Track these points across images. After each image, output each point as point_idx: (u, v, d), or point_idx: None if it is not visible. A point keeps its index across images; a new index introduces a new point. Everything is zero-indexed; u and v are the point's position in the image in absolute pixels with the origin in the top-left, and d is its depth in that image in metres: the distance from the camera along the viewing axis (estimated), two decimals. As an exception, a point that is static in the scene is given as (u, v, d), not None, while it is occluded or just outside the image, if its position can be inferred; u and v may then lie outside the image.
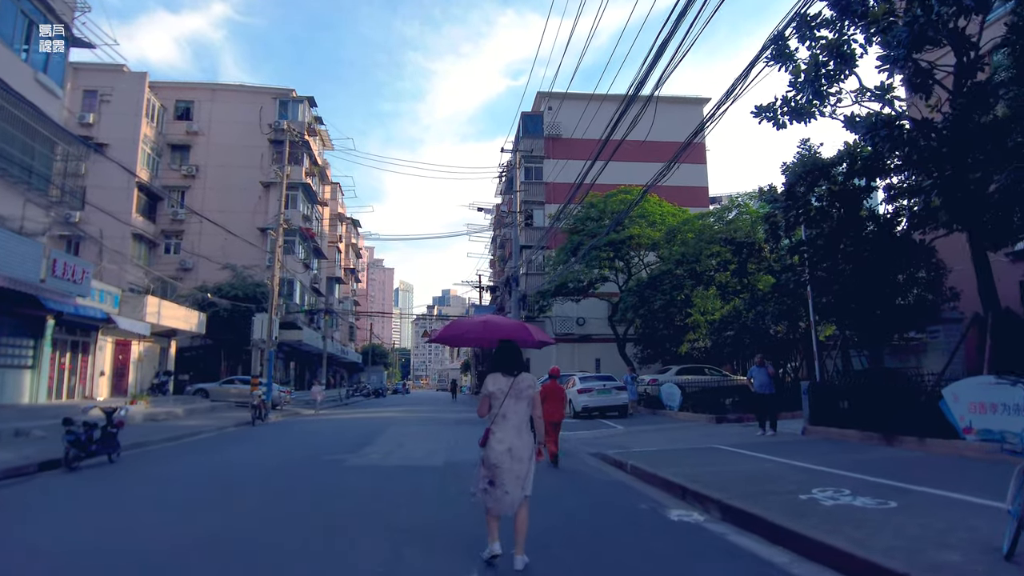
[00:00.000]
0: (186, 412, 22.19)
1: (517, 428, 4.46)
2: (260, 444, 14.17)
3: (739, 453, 9.94)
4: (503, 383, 4.53)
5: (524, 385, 4.55)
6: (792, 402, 15.78)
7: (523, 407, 4.53)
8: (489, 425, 4.51)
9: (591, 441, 13.57)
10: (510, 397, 4.48)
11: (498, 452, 4.37)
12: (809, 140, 17.82)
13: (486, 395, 4.62)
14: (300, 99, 40.29)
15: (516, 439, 4.42)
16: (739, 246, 21.60)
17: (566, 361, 34.22)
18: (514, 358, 4.64)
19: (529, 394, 4.56)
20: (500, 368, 4.61)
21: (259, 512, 6.59)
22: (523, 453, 4.42)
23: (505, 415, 4.47)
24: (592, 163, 18.08)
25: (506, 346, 4.70)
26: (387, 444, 13.33)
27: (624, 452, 10.56)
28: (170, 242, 38.83)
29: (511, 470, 4.35)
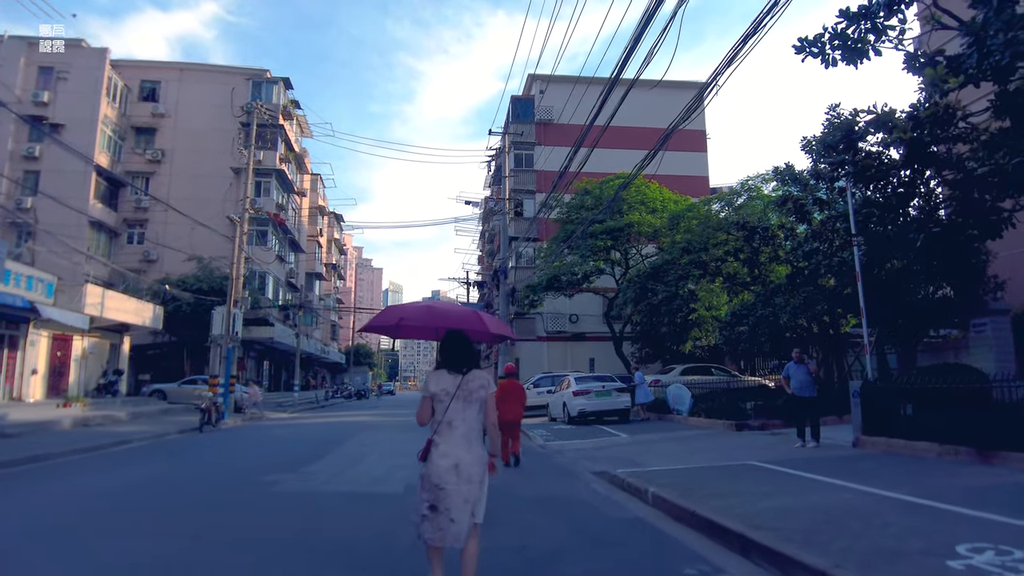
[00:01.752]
0: (130, 416, 19.68)
1: (466, 439, 3.61)
2: (188, 458, 11.72)
3: (790, 474, 7.60)
4: (448, 382, 3.66)
5: (475, 385, 3.68)
6: (828, 405, 13.51)
7: (473, 412, 3.67)
8: (431, 435, 3.65)
9: (592, 454, 11.21)
10: (457, 400, 3.63)
11: (442, 469, 3.54)
12: (839, 105, 15.70)
13: (427, 397, 3.69)
14: (275, 80, 37.68)
15: (465, 453, 3.58)
16: (752, 231, 19.34)
17: (558, 361, 31.89)
18: (463, 351, 3.78)
19: (481, 396, 3.69)
20: (446, 364, 3.76)
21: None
22: (473, 471, 3.57)
23: (451, 422, 3.62)
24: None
25: (453, 337, 3.84)
26: (343, 458, 10.92)
27: (638, 472, 8.20)
28: (133, 232, 36.14)
29: (458, 492, 3.50)
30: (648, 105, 23.80)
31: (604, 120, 12.40)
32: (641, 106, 26.23)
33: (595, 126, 12.70)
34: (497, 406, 11.90)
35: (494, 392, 3.81)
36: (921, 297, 15.63)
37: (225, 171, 35.93)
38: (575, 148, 16.38)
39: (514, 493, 7.57)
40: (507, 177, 30.97)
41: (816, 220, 18.42)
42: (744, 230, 19.57)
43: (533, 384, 24.01)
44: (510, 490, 7.74)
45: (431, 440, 3.65)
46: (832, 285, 17.92)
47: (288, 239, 40.18)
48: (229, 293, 22.16)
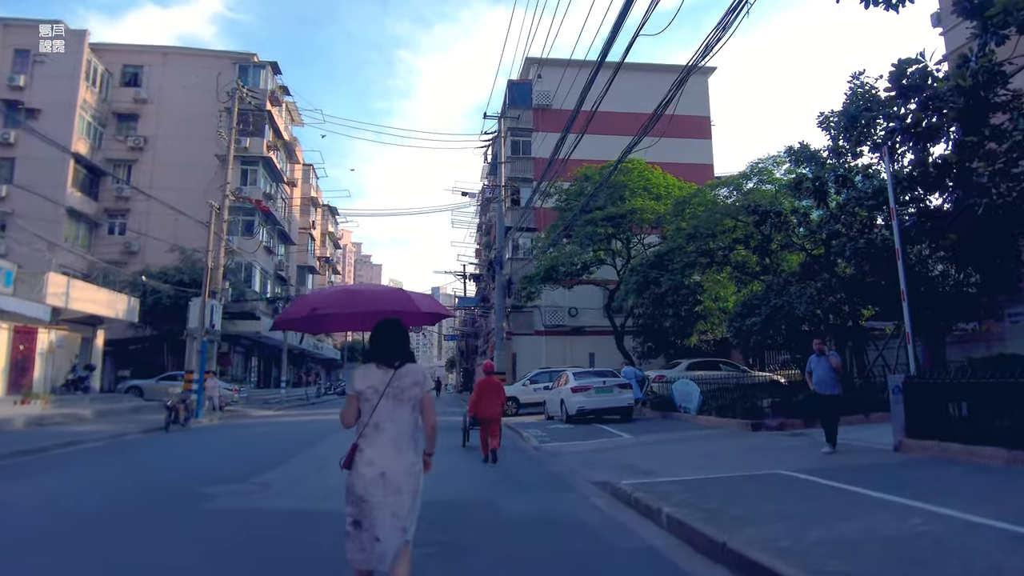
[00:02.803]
0: (96, 414, 18.37)
1: (396, 444, 3.12)
2: (130, 464, 10.40)
3: (832, 488, 6.24)
4: (377, 378, 3.16)
5: (408, 381, 3.17)
6: (852, 403, 12.20)
7: (405, 413, 3.17)
8: (356, 439, 3.14)
9: (592, 458, 9.86)
10: (387, 399, 3.13)
11: (367, 479, 3.03)
12: (863, 73, 14.34)
13: (352, 396, 3.21)
14: (262, 64, 36.19)
15: (394, 460, 3.09)
16: (764, 215, 17.92)
17: (557, 356, 30.50)
18: (394, 342, 3.25)
19: (415, 394, 3.17)
20: (374, 356, 3.24)
21: None
22: (403, 481, 3.07)
23: (378, 425, 3.13)
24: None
25: (384, 326, 3.29)
26: (307, 464, 9.57)
27: (647, 484, 6.83)
28: (115, 222, 34.74)
29: (384, 505, 3.01)
30: (648, 91, 22.31)
31: (600, 99, 11.29)
32: (641, 92, 24.91)
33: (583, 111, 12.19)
34: (477, 403, 10.57)
35: (431, 389, 3.32)
36: (952, 284, 14.32)
37: (210, 159, 34.44)
38: (568, 126, 15.04)
39: (496, 510, 6.23)
40: (503, 163, 29.60)
41: (834, 203, 17.11)
42: (755, 215, 18.16)
43: (530, 380, 22.67)
44: (492, 506, 6.40)
45: (355, 445, 3.16)
46: (850, 273, 16.60)
47: (277, 230, 38.77)
48: (204, 283, 20.81)
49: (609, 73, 10.53)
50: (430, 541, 5.02)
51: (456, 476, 8.52)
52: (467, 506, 6.40)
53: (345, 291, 3.83)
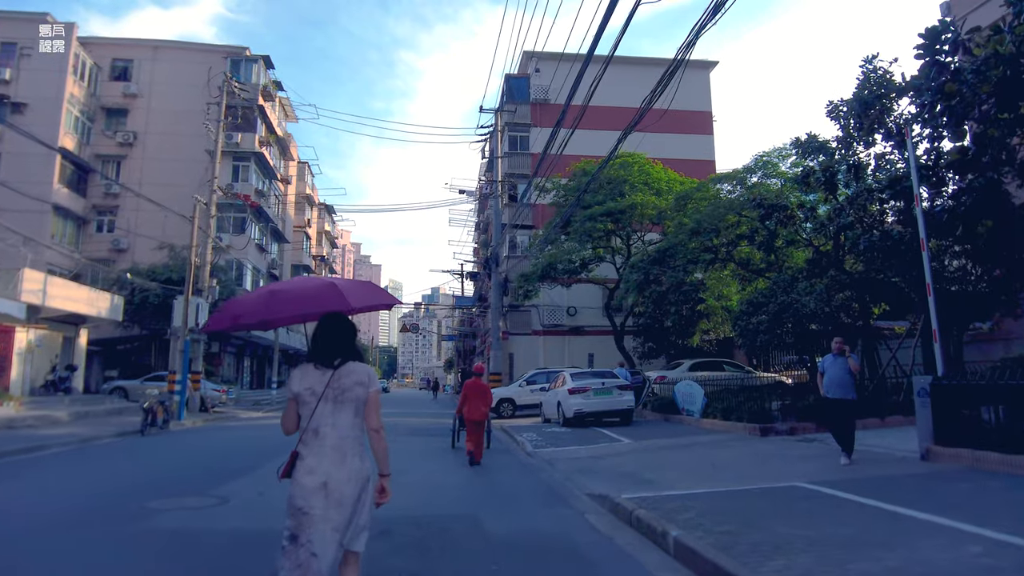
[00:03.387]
0: (73, 417, 17.60)
1: (338, 450, 2.87)
2: (86, 471, 9.61)
3: (863, 505, 5.47)
4: (314, 379, 2.93)
5: (350, 381, 2.93)
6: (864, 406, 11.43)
7: (347, 416, 2.92)
8: (296, 446, 2.92)
9: (589, 465, 9.09)
10: (326, 401, 2.89)
11: (307, 489, 2.80)
12: (876, 56, 13.60)
13: (291, 399, 2.99)
14: (254, 58, 35.38)
15: (335, 468, 2.84)
16: (770, 210, 17.15)
17: (555, 356, 29.73)
18: (334, 338, 3.01)
19: (357, 395, 2.93)
20: (313, 355, 3.01)
21: None
22: (345, 490, 2.83)
23: (318, 430, 2.89)
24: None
25: (325, 323, 3.05)
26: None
27: (651, 499, 6.06)
28: (103, 219, 33.93)
29: (325, 518, 2.76)
30: (647, 85, 21.55)
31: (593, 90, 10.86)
32: (640, 86, 24.00)
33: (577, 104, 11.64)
34: (463, 405, 9.66)
35: (377, 390, 3.03)
36: (973, 279, 13.57)
37: (202, 155, 33.54)
38: (559, 119, 14.31)
39: (479, 530, 5.45)
40: (499, 158, 28.89)
41: (843, 196, 16.39)
42: (760, 208, 17.40)
43: (526, 381, 21.89)
44: (475, 525, 5.62)
45: (295, 452, 2.92)
46: (859, 269, 15.87)
47: (270, 228, 37.97)
48: (188, 280, 20.03)
49: (608, 64, 9.77)
50: (398, 569, 4.29)
51: (440, 485, 7.75)
52: (447, 524, 5.63)
53: (270, 293, 3.36)
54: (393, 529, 5.41)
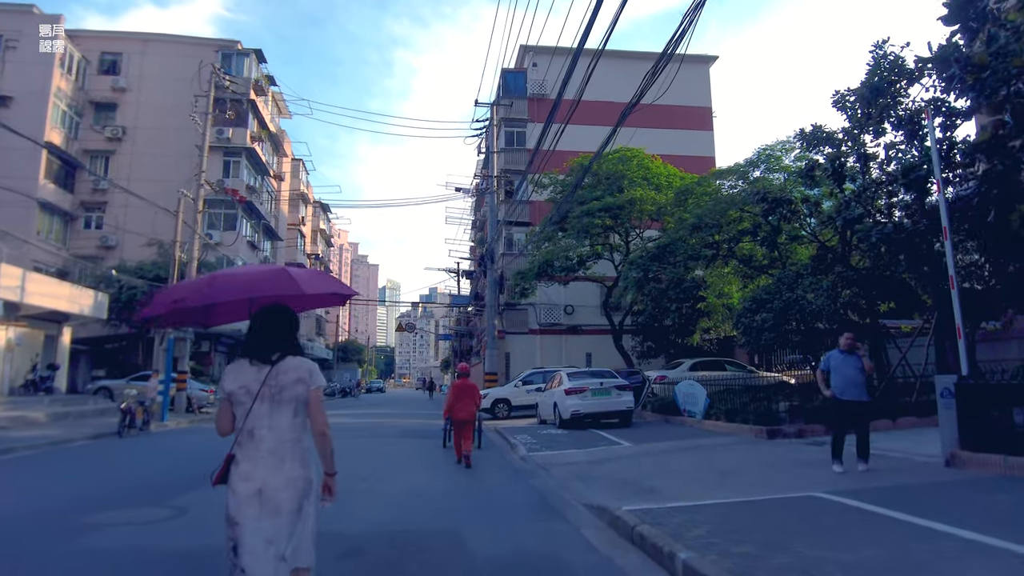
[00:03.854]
0: (51, 417, 17.00)
1: (275, 454, 2.62)
2: (49, 476, 8.98)
3: (894, 520, 4.87)
4: (249, 376, 2.67)
5: (289, 378, 2.66)
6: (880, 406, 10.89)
7: (286, 417, 2.66)
8: (231, 449, 2.68)
9: (587, 471, 8.48)
10: (262, 401, 2.63)
11: (241, 496, 2.56)
12: (887, 41, 13.05)
13: (224, 399, 2.74)
14: (246, 51, 34.70)
15: (272, 473, 2.59)
16: (774, 203, 16.55)
17: (552, 356, 29.11)
18: (272, 331, 2.75)
19: (297, 393, 2.67)
20: (248, 350, 2.72)
21: None
22: (282, 498, 2.56)
23: (253, 432, 2.64)
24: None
25: (262, 313, 2.78)
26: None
27: (655, 512, 5.45)
28: (91, 215, 33.24)
29: (257, 529, 2.51)
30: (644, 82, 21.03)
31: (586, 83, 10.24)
32: (638, 81, 23.45)
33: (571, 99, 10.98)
34: (451, 405, 9.50)
35: (319, 388, 2.74)
36: (985, 275, 13.03)
37: (192, 150, 32.71)
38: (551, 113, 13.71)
39: (462, 549, 4.83)
40: (495, 153, 28.29)
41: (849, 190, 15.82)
42: (764, 202, 16.80)
43: (522, 381, 21.27)
44: (457, 542, 5.00)
45: (230, 456, 2.66)
46: (865, 266, 15.30)
47: (262, 225, 37.28)
48: (172, 276, 19.41)
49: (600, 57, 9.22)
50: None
51: (422, 494, 7.13)
52: (426, 542, 5.02)
53: (213, 277, 3.15)
54: (365, 548, 4.81)
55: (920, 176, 10.93)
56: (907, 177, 11.14)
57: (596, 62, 10.20)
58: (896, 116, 13.05)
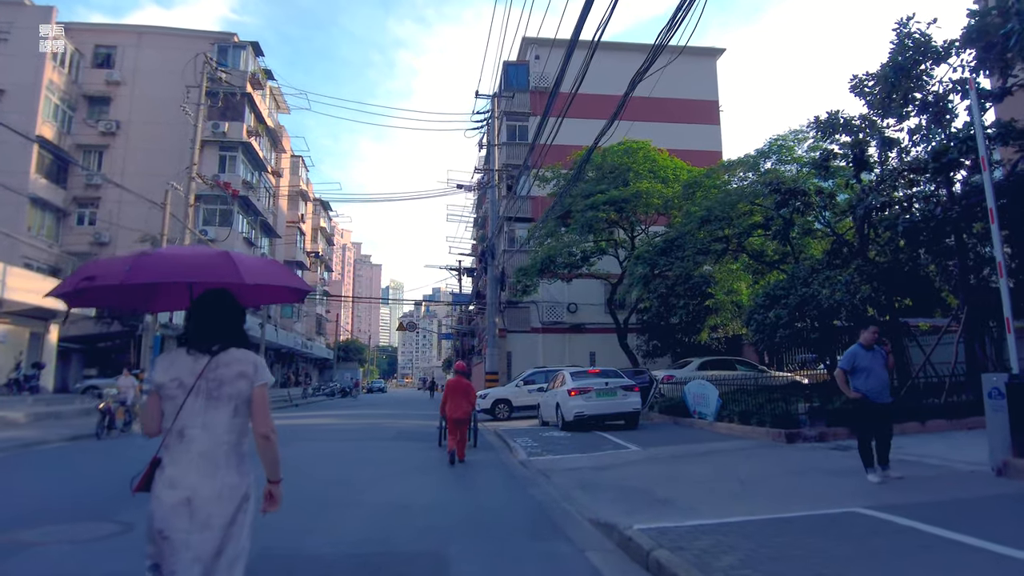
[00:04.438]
0: (31, 418, 16.31)
1: (208, 459, 2.33)
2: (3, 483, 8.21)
3: (961, 545, 4.09)
4: (185, 368, 2.40)
5: (230, 372, 2.41)
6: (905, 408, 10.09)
7: (224, 416, 2.37)
8: (157, 452, 2.38)
9: (592, 479, 7.69)
10: (197, 396, 2.36)
11: (167, 506, 2.29)
12: (912, 18, 12.26)
13: (153, 393, 2.45)
14: (242, 44, 33.98)
15: (203, 481, 2.31)
16: (787, 195, 15.75)
17: (555, 355, 28.29)
18: (214, 318, 2.50)
19: (239, 390, 2.40)
20: (186, 339, 2.47)
21: None
22: (214, 510, 2.28)
23: (183, 432, 2.36)
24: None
25: (205, 298, 2.53)
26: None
27: (671, 532, 4.67)
28: (84, 211, 32.55)
29: (186, 544, 2.24)
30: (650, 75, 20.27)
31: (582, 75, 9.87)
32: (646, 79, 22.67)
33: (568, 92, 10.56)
34: (445, 404, 9.85)
35: (265, 385, 2.45)
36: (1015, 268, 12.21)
37: (187, 145, 32.06)
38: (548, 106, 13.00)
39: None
40: (496, 146, 27.53)
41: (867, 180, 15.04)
42: (777, 193, 16.00)
43: (524, 380, 20.47)
44: (440, 567, 4.24)
45: (155, 460, 2.37)
46: (883, 260, 14.51)
47: (259, 221, 36.56)
48: (159, 271, 18.58)
49: (611, 51, 8.48)
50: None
51: (407, 506, 6.36)
52: (402, 568, 4.26)
53: (141, 254, 2.72)
54: (333, 575, 4.05)
55: (952, 160, 10.14)
56: (938, 161, 10.34)
57: (594, 52, 9.59)
58: (921, 99, 12.27)
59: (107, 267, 2.80)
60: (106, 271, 2.73)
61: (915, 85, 12.16)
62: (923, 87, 12.12)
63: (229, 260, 2.63)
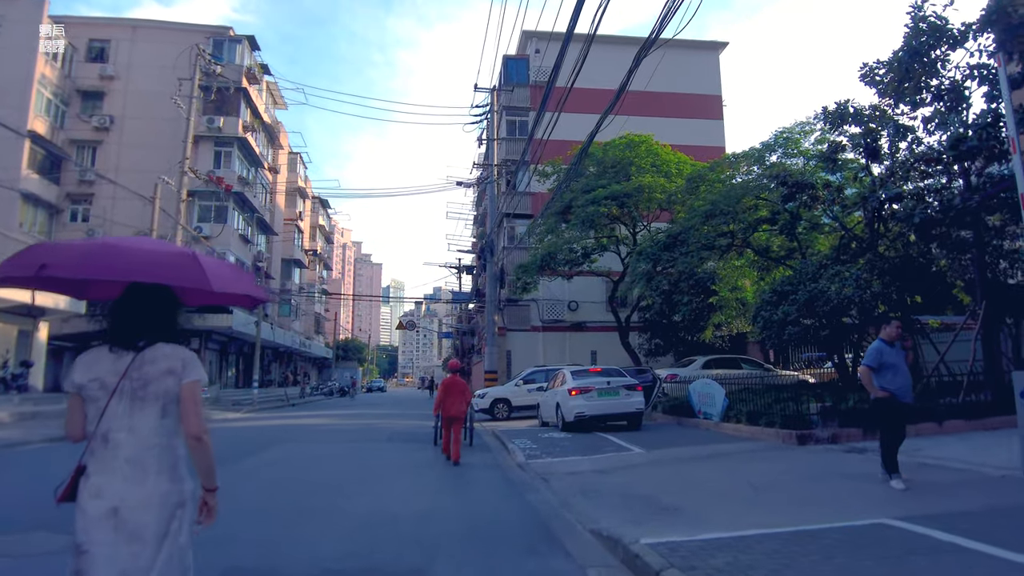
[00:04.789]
0: (16, 418, 15.90)
1: (137, 465, 2.16)
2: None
3: (1014, 564, 3.59)
4: (107, 367, 2.22)
5: (156, 369, 2.23)
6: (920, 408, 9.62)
7: (151, 418, 2.21)
8: (82, 458, 2.21)
9: (593, 484, 7.22)
10: (121, 397, 2.18)
11: (90, 517, 2.09)
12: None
13: (72, 395, 2.27)
14: (238, 38, 33.46)
15: (132, 489, 2.13)
16: (794, 188, 15.26)
17: (555, 354, 27.82)
18: (143, 312, 2.30)
19: (167, 388, 2.23)
20: (109, 335, 2.27)
21: None
22: (144, 520, 2.10)
23: (108, 436, 2.17)
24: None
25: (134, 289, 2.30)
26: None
27: (682, 546, 4.20)
28: (78, 208, 32.07)
29: (112, 559, 2.05)
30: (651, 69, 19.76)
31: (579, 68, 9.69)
32: (642, 68, 22.11)
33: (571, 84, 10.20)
34: (440, 402, 9.77)
35: (195, 382, 2.26)
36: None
37: (181, 140, 31.84)
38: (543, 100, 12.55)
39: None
40: (495, 141, 27.05)
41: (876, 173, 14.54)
42: (784, 186, 15.53)
43: (523, 380, 20.00)
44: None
45: (80, 467, 2.18)
46: (893, 255, 14.04)
47: (256, 218, 36.08)
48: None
49: (613, 45, 7.99)
50: None
51: (394, 516, 5.88)
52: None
53: (103, 246, 2.36)
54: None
55: (971, 148, 9.65)
56: (956, 149, 9.85)
57: (591, 44, 9.20)
58: (936, 86, 11.79)
59: (58, 254, 2.49)
60: (57, 259, 2.42)
61: (929, 71, 11.68)
62: (938, 73, 11.64)
63: (196, 263, 2.36)
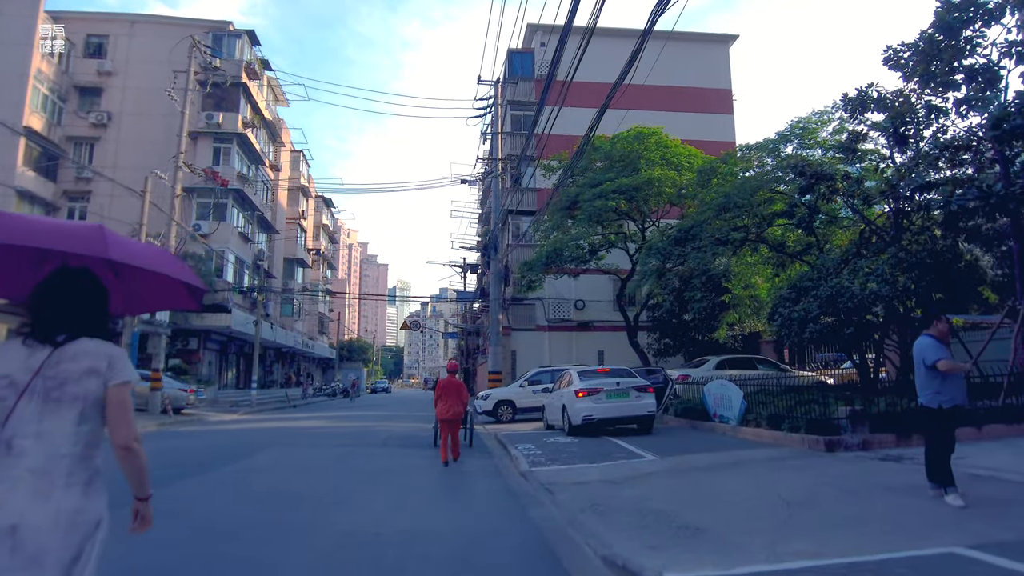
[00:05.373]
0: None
1: (44, 476, 1.85)
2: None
3: None
4: (18, 363, 1.94)
5: (76, 368, 1.96)
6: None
7: (66, 423, 1.92)
8: None
9: (603, 496, 6.46)
10: (31, 397, 1.90)
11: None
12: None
13: None
14: (238, 33, 32.85)
15: (35, 504, 1.81)
16: (812, 179, 14.46)
17: (561, 354, 27.07)
18: (64, 301, 2.05)
19: (88, 390, 1.95)
20: (30, 329, 2.01)
21: None
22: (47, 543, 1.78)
23: (12, 443, 1.86)
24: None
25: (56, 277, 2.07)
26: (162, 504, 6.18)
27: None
28: (75, 206, 31.51)
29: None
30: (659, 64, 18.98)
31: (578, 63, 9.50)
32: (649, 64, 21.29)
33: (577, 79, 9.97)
34: (437, 403, 9.56)
35: (122, 383, 1.98)
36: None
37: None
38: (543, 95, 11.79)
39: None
40: (500, 135, 26.33)
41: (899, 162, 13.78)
42: (801, 177, 14.74)
43: (528, 381, 19.25)
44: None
45: None
46: (918, 248, 13.24)
47: (256, 216, 35.46)
48: (139, 264, 17.51)
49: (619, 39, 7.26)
50: None
51: (377, 534, 5.14)
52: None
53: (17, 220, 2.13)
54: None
55: (1016, 127, 8.84)
56: (998, 129, 9.05)
57: (590, 37, 8.52)
58: (969, 65, 11.00)
59: None
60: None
61: (962, 50, 10.90)
62: (972, 51, 10.85)
63: (100, 232, 2.15)
